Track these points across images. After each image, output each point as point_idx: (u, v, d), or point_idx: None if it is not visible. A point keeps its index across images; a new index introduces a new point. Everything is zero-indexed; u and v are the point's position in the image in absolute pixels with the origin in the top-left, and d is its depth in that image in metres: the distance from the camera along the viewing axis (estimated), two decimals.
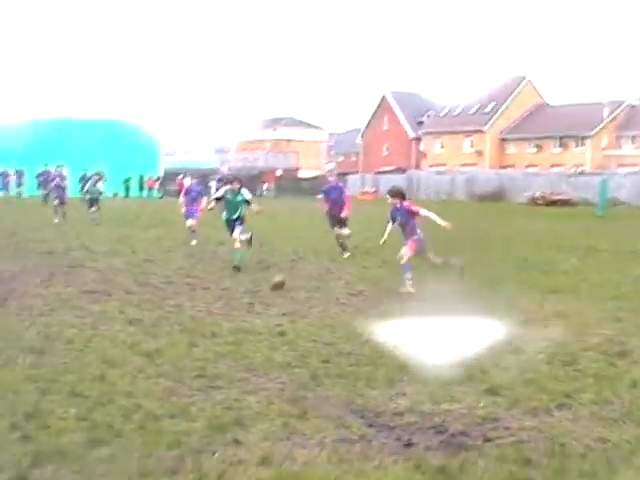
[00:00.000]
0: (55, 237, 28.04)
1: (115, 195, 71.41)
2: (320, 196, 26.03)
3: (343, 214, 24.29)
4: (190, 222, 27.86)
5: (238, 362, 10.52)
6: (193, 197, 28.56)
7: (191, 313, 13.94)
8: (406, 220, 17.29)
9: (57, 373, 9.74)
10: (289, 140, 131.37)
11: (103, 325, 12.71)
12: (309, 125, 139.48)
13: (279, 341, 11.84)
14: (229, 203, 20.54)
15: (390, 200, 17.54)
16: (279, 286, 16.89)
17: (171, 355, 10.75)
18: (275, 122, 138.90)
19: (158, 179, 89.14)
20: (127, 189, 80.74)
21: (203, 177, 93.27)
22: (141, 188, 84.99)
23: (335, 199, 24.64)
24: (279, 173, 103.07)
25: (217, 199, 21.54)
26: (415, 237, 17.50)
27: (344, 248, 24.23)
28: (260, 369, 10.22)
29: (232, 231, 20.23)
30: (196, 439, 7.55)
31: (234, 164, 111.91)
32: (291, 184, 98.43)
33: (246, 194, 20.75)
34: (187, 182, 32.94)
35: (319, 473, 6.75)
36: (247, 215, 20.88)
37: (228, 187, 20.94)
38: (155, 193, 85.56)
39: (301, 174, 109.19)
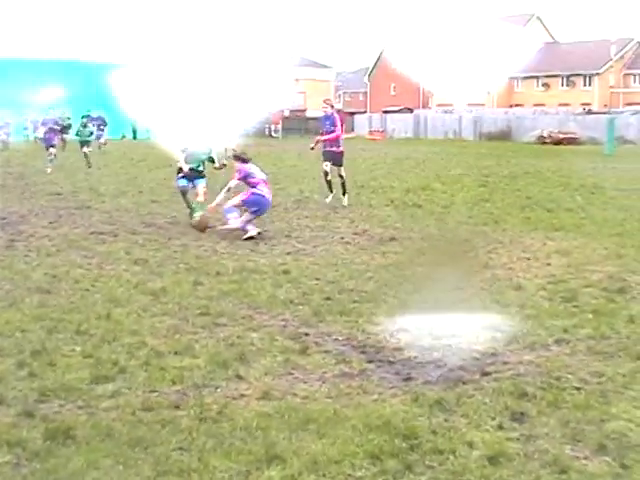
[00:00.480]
0: (62, 179, 28.10)
1: (123, 137, 71.19)
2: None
3: (339, 149, 22.60)
4: None
5: (242, 300, 10.67)
6: None
7: (196, 252, 14.07)
8: None
9: (63, 312, 9.90)
10: (296, 79, 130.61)
11: (109, 265, 12.87)
12: (316, 64, 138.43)
13: (283, 279, 11.97)
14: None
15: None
16: (199, 227, 16.86)
17: (176, 294, 10.91)
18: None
19: None
20: (134, 131, 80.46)
21: None
22: (149, 130, 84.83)
23: (328, 131, 22.92)
24: (286, 113, 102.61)
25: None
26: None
27: (344, 191, 22.12)
28: (263, 307, 10.36)
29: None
30: (199, 375, 7.70)
31: None
32: (298, 124, 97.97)
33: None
34: None
35: (319, 407, 6.89)
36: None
37: None
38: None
39: (308, 114, 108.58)
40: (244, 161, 17.17)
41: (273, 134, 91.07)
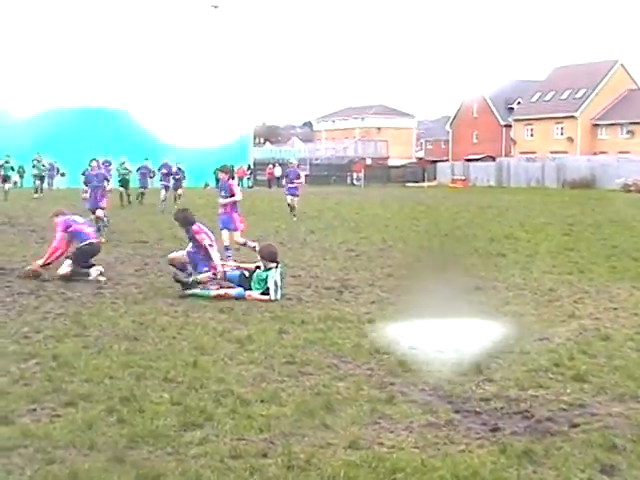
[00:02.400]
0: (148, 227, 28.52)
1: (206, 186, 72.00)
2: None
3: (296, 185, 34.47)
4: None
5: (327, 349, 10.69)
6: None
7: (281, 301, 14.13)
8: None
9: (151, 359, 10.02)
10: (379, 128, 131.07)
11: (195, 313, 12.99)
12: (399, 112, 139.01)
13: (368, 328, 11.98)
14: None
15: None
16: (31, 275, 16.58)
17: (262, 342, 10.96)
18: (365, 110, 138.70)
19: (249, 168, 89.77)
20: (217, 180, 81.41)
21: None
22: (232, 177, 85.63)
23: (292, 178, 34.77)
24: (369, 162, 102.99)
25: None
26: None
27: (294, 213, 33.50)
28: (348, 355, 10.37)
29: None
30: (286, 423, 7.72)
31: (323, 154, 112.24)
32: (380, 172, 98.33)
33: None
34: (278, 172, 35.44)
35: (406, 457, 6.86)
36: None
37: None
38: (245, 183, 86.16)
39: (390, 162, 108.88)
40: None
41: (355, 182, 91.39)
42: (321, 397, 8.55)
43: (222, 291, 14.67)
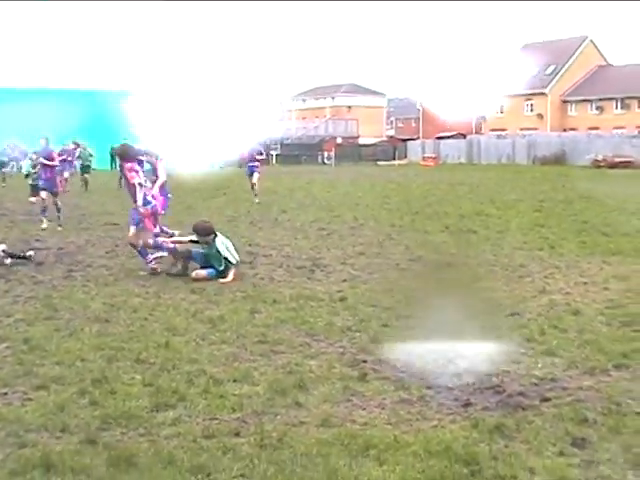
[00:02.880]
0: (119, 209, 28.41)
1: None
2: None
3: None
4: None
5: (299, 327, 10.71)
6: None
7: (253, 281, 14.14)
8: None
9: (122, 341, 10.00)
10: (349, 107, 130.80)
11: (166, 294, 12.97)
12: (369, 91, 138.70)
13: (340, 306, 12.00)
14: None
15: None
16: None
17: (233, 322, 10.97)
18: (335, 89, 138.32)
19: None
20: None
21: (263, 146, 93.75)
22: None
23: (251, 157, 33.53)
24: (339, 141, 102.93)
25: None
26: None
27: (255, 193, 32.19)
28: (321, 334, 10.39)
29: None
30: (258, 402, 7.73)
31: (294, 133, 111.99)
32: (351, 151, 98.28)
33: None
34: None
35: (379, 433, 6.89)
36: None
37: None
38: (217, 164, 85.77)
39: (361, 141, 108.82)
40: None
41: (326, 161, 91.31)
42: (293, 376, 8.56)
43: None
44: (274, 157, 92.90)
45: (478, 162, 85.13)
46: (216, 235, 14.69)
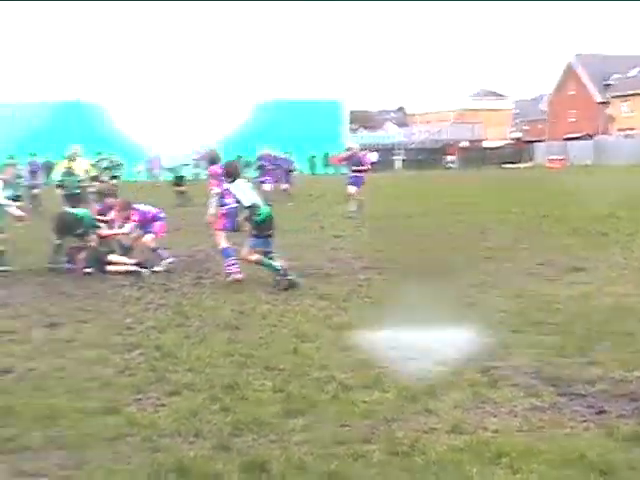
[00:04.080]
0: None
1: (300, 172, 72.00)
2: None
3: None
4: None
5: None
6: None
7: (381, 286, 14.09)
8: None
9: (252, 348, 10.08)
10: (474, 110, 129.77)
11: (294, 300, 13.02)
12: (494, 94, 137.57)
13: (469, 313, 11.87)
14: None
15: None
16: None
17: (362, 328, 10.95)
18: (459, 93, 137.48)
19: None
20: (312, 166, 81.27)
21: (387, 151, 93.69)
22: (326, 165, 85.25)
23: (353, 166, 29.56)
24: (464, 144, 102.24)
25: None
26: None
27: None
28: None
29: None
30: (388, 409, 7.70)
31: (418, 137, 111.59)
32: (476, 155, 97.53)
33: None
34: (373, 157, 33.33)
35: (511, 441, 6.78)
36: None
37: None
38: (340, 169, 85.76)
39: (486, 144, 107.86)
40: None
41: (450, 165, 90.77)
42: (423, 382, 8.50)
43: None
44: (399, 162, 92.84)
45: (606, 163, 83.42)
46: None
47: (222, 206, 15.50)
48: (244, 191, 14.76)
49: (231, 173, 14.97)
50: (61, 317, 12.30)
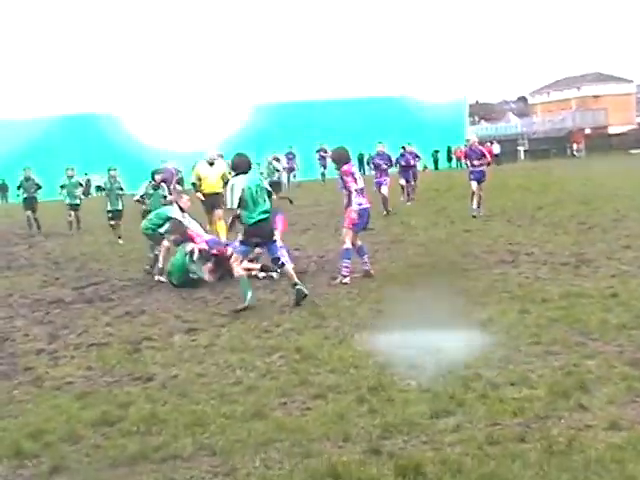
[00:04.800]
0: (374, 215, 28.60)
1: (425, 168, 71.56)
2: None
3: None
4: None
5: (572, 326, 10.35)
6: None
7: (518, 280, 13.81)
8: None
9: (393, 347, 9.94)
10: (596, 96, 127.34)
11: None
12: (616, 78, 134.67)
13: (612, 303, 11.54)
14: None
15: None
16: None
17: (503, 323, 10.74)
18: (580, 79, 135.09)
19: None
20: (436, 161, 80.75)
21: (510, 142, 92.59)
22: (449, 159, 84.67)
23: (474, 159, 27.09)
24: (588, 132, 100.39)
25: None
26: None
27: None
28: (595, 332, 10.00)
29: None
30: (539, 406, 7.50)
31: (540, 127, 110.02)
32: (601, 141, 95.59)
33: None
34: (496, 149, 32.39)
35: None
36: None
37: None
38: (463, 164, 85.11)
39: (611, 130, 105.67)
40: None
41: (575, 153, 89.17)
42: (573, 377, 8.28)
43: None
44: (522, 153, 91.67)
45: None
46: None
47: (355, 205, 15.27)
48: (237, 189, 13.52)
49: (237, 166, 13.98)
50: (198, 323, 12.40)
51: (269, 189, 14.10)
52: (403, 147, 34.32)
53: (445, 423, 7.22)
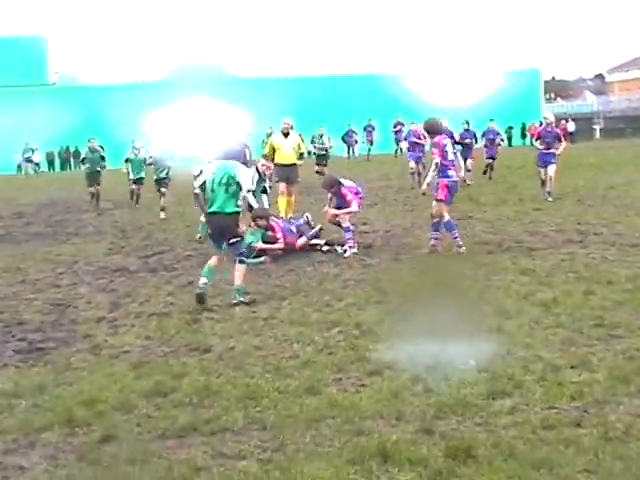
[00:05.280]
0: None
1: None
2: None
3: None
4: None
5: (637, 310, 10.12)
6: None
7: (585, 261, 13.57)
8: None
9: (453, 325, 9.80)
10: None
11: (496, 276, 12.67)
12: None
13: None
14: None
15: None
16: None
17: (567, 304, 10.54)
18: None
19: (541, 125, 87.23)
20: (509, 138, 79.72)
21: (585, 121, 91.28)
22: (524, 136, 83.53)
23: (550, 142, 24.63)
24: None
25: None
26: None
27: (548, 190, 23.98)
28: None
29: None
30: (599, 390, 7.34)
31: (616, 105, 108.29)
32: None
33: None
34: (571, 127, 31.40)
35: None
36: None
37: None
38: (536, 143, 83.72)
39: None
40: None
41: None
42: (635, 362, 8.11)
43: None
44: (597, 131, 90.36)
45: None
46: None
47: (445, 178, 15.19)
48: (204, 174, 12.73)
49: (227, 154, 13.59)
50: (260, 295, 12.37)
51: (244, 186, 12.43)
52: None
53: (501, 405, 7.10)
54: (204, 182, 12.39)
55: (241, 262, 12.18)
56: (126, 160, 28.96)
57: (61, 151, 72.07)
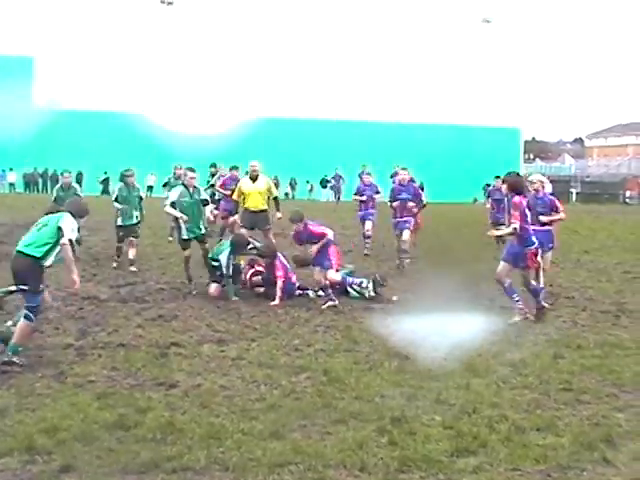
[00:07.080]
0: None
1: (475, 201, 70.79)
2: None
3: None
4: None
5: (605, 377, 10.16)
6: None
7: (556, 324, 13.59)
8: None
9: (422, 379, 9.82)
10: None
11: (467, 335, 12.63)
12: None
13: None
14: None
15: None
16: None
17: (536, 366, 10.55)
18: (639, 126, 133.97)
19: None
20: (488, 196, 79.82)
21: (563, 183, 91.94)
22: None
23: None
24: None
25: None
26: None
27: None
28: (628, 385, 9.82)
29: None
30: (563, 455, 7.36)
31: (594, 170, 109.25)
32: None
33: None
34: (548, 188, 30.99)
35: None
36: None
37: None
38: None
39: None
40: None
41: (628, 201, 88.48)
42: (600, 428, 8.13)
43: None
44: (574, 195, 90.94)
45: None
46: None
47: (532, 245, 13.96)
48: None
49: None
50: (230, 334, 12.34)
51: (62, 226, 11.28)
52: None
53: (465, 463, 7.10)
54: None
55: (26, 317, 10.47)
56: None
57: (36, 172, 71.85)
